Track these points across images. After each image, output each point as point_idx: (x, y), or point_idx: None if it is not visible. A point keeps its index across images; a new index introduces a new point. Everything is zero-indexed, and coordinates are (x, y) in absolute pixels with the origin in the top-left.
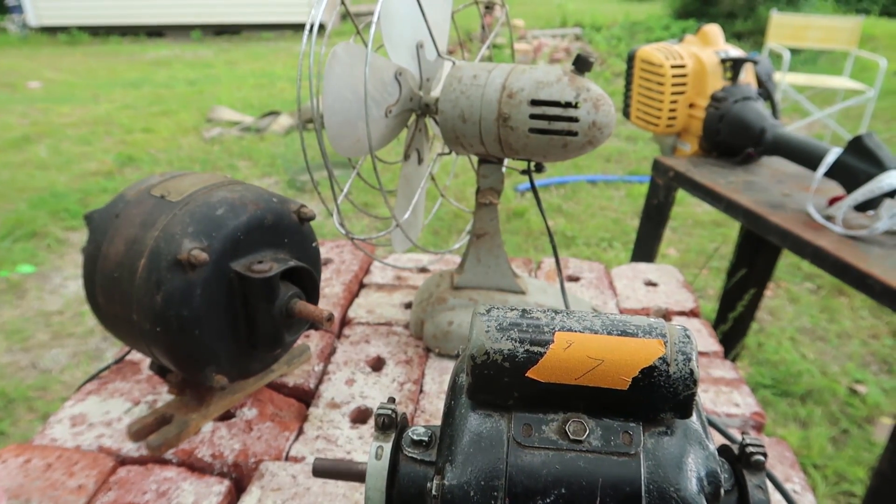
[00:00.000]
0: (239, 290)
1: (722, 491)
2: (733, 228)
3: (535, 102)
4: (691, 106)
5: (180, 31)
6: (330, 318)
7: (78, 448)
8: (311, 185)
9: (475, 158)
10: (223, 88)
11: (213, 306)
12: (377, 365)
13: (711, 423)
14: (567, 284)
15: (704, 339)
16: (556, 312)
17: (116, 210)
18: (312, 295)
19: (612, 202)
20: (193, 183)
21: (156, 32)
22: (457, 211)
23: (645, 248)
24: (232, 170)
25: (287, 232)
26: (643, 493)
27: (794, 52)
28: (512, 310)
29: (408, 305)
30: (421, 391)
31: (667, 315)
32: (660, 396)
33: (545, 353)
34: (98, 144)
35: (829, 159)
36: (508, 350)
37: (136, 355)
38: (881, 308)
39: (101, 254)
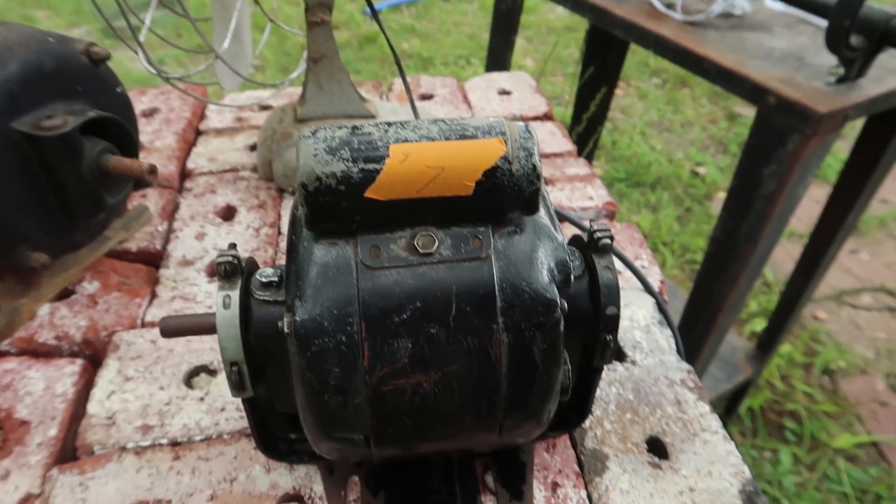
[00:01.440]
0: (32, 152)
1: (572, 277)
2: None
3: None
4: None
5: None
6: (153, 171)
7: None
8: (130, 31)
9: None
10: None
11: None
12: (228, 214)
13: (563, 216)
14: (421, 103)
15: (558, 140)
16: (390, 124)
17: None
18: (128, 148)
19: (465, 17)
20: None
21: None
22: (304, 42)
23: (498, 59)
24: (28, 22)
25: (78, 78)
26: (497, 293)
27: None
28: (340, 128)
29: (252, 147)
30: (279, 233)
31: (521, 121)
32: (505, 196)
33: (381, 169)
34: None
35: None
36: (342, 172)
37: None
38: (718, 94)
39: None
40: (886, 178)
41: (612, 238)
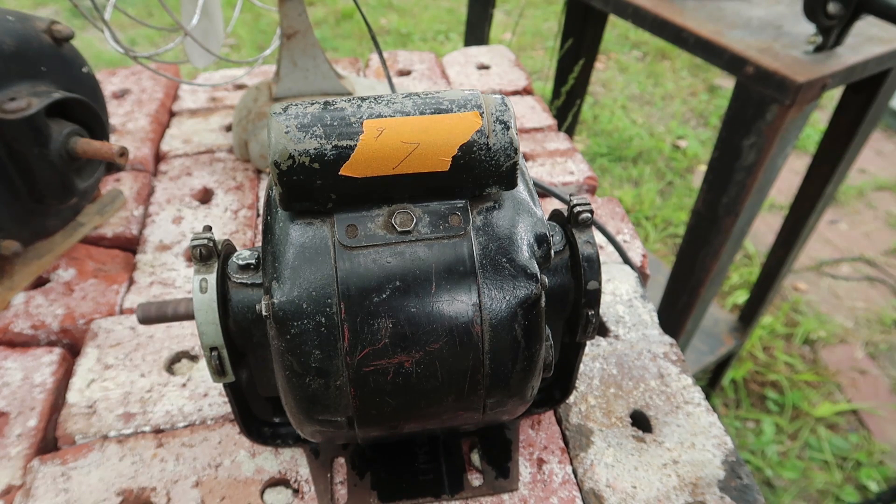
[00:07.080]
0: None
1: (552, 252)
2: None
3: None
4: None
5: None
6: (123, 153)
7: None
8: (96, 9)
9: None
10: None
11: None
12: (205, 197)
13: (545, 190)
14: (398, 79)
15: (538, 114)
16: (363, 99)
17: None
18: (97, 130)
19: None
20: None
21: None
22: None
23: (476, 33)
24: None
25: (42, 58)
26: (477, 269)
27: None
28: (312, 104)
29: (228, 128)
30: (258, 215)
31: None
32: (483, 171)
33: (356, 145)
34: None
35: None
36: (315, 149)
37: None
38: (698, 67)
39: None
40: (864, 148)
41: (592, 212)
